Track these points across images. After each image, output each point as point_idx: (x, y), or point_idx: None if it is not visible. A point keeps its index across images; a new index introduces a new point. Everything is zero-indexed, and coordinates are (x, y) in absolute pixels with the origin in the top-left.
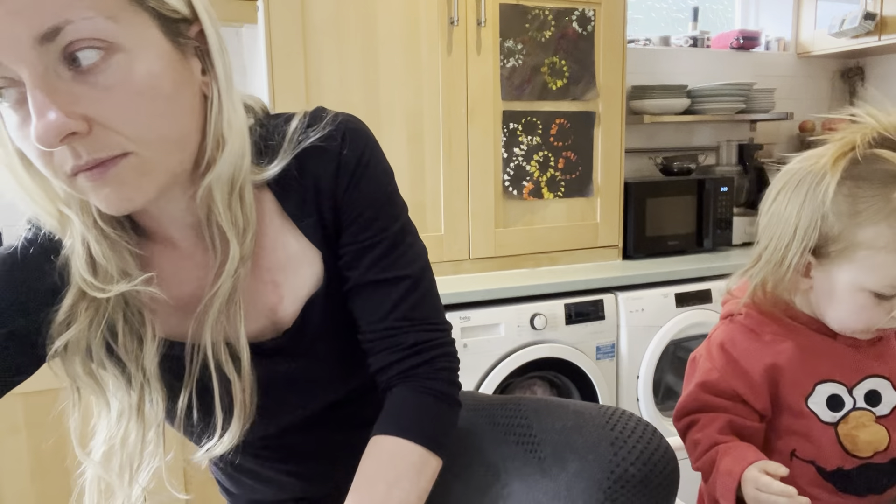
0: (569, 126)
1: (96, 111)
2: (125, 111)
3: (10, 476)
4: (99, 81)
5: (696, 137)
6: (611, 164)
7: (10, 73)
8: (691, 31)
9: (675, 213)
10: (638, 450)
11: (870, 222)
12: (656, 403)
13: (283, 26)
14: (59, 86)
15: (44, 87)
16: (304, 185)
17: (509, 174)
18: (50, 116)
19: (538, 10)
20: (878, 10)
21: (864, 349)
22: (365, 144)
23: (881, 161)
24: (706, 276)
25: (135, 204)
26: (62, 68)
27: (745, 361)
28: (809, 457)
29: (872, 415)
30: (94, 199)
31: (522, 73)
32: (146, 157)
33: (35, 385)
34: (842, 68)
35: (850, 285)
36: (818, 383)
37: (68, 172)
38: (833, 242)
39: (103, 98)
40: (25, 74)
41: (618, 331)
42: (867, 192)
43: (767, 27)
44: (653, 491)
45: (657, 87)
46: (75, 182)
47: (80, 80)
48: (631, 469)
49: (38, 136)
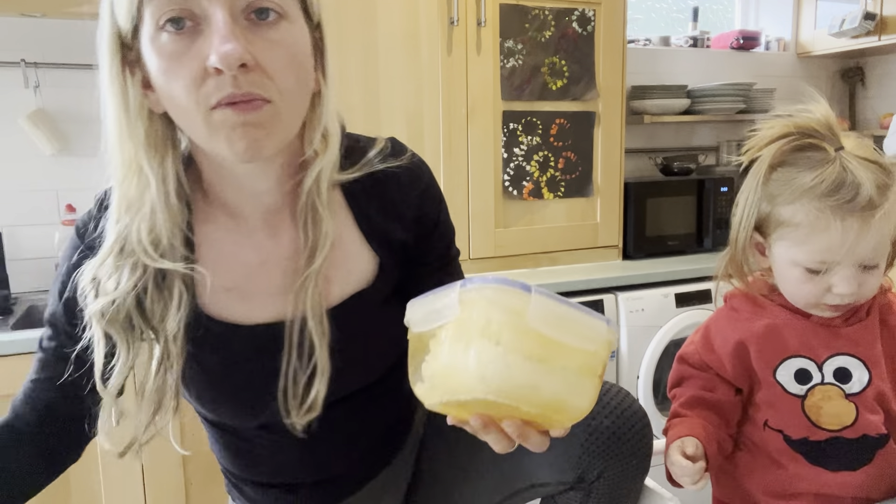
0: (569, 126)
1: (262, 57)
2: (281, 64)
3: None
4: (269, 35)
5: (696, 137)
6: (611, 164)
7: (198, 6)
8: (691, 31)
9: (675, 213)
10: (611, 406)
11: (786, 202)
12: (656, 403)
13: None
14: (239, 25)
15: (230, 18)
16: (383, 202)
17: (509, 174)
18: (234, 43)
19: (538, 11)
20: (878, 10)
21: (838, 329)
22: (438, 186)
23: (808, 148)
24: (706, 276)
25: (260, 152)
26: (242, 18)
27: (719, 338)
28: (778, 426)
29: (841, 391)
30: (229, 135)
31: (522, 73)
32: (280, 110)
33: None
34: (842, 68)
35: (784, 261)
36: (787, 358)
37: (212, 104)
38: (767, 222)
39: (269, 49)
40: (218, 7)
41: (618, 331)
42: (788, 175)
43: (767, 27)
44: (627, 443)
45: (657, 87)
46: (212, 116)
47: (254, 30)
48: (605, 422)
49: (222, 55)
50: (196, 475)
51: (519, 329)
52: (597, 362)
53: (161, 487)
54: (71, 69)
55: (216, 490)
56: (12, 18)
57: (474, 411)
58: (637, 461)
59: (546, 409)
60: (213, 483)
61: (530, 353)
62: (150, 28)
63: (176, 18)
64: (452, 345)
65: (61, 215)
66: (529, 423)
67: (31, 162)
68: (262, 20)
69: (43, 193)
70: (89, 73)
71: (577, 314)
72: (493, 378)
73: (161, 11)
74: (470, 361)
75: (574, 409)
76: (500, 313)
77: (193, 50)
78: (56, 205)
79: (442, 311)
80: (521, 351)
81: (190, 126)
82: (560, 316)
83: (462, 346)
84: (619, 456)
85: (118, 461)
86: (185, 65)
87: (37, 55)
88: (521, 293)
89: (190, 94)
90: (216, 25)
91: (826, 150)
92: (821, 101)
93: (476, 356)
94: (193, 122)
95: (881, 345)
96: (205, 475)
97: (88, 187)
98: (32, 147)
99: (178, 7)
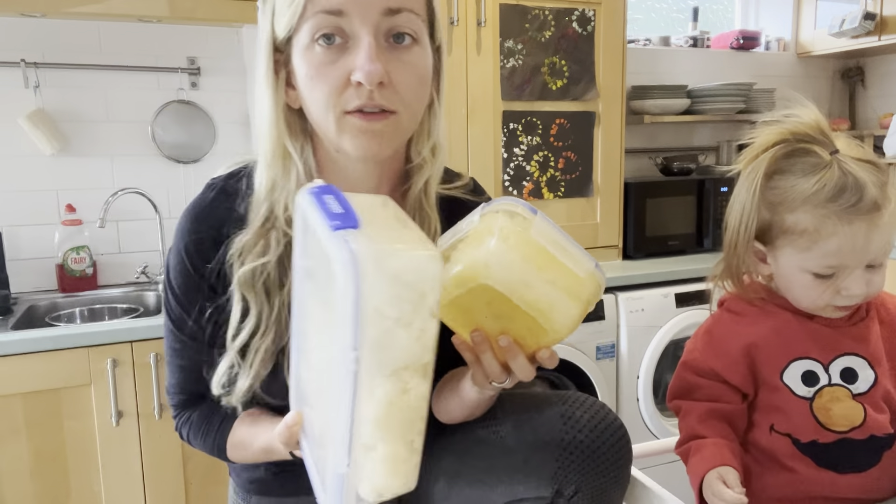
0: (569, 126)
1: (394, 75)
2: (409, 83)
3: (10, 476)
4: (403, 57)
5: (696, 137)
6: (611, 164)
7: (349, 26)
8: (691, 31)
9: (675, 213)
10: (585, 419)
11: (789, 210)
12: (656, 403)
13: None
14: (380, 51)
15: (375, 46)
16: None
17: (509, 174)
18: (378, 64)
19: (538, 11)
20: (878, 10)
21: (842, 329)
22: None
23: (802, 154)
24: (706, 276)
25: (377, 154)
26: (383, 40)
27: (725, 342)
28: (785, 430)
29: (848, 391)
30: (354, 137)
31: (522, 73)
32: (401, 121)
33: (35, 385)
34: (842, 68)
35: (791, 268)
36: (793, 360)
37: (347, 109)
38: (769, 230)
39: (401, 69)
40: (366, 31)
41: (618, 331)
42: (787, 182)
43: (767, 27)
44: (601, 457)
45: (657, 87)
46: (344, 118)
47: (391, 52)
48: (579, 436)
49: (367, 73)
50: (196, 475)
51: (523, 236)
52: (582, 289)
53: (161, 487)
54: (71, 69)
55: (216, 490)
56: (12, 18)
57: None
58: (615, 473)
59: (532, 310)
60: (213, 483)
61: (529, 258)
62: (305, 39)
63: (329, 35)
64: (469, 246)
65: (61, 215)
66: (520, 346)
67: (31, 162)
68: (398, 44)
69: (43, 193)
70: (89, 73)
71: (572, 247)
72: (495, 267)
73: (318, 27)
74: (480, 253)
75: (555, 321)
76: (510, 221)
77: (339, 63)
78: (56, 205)
79: (464, 227)
80: (522, 253)
81: (323, 123)
82: (557, 240)
83: (476, 244)
84: (595, 470)
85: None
86: (331, 74)
87: (37, 55)
88: (530, 212)
89: (330, 99)
90: (363, 46)
91: (820, 154)
92: (809, 105)
93: (486, 249)
94: (326, 120)
95: (882, 342)
96: (205, 475)
97: (88, 187)
98: (32, 147)
99: (333, 26)
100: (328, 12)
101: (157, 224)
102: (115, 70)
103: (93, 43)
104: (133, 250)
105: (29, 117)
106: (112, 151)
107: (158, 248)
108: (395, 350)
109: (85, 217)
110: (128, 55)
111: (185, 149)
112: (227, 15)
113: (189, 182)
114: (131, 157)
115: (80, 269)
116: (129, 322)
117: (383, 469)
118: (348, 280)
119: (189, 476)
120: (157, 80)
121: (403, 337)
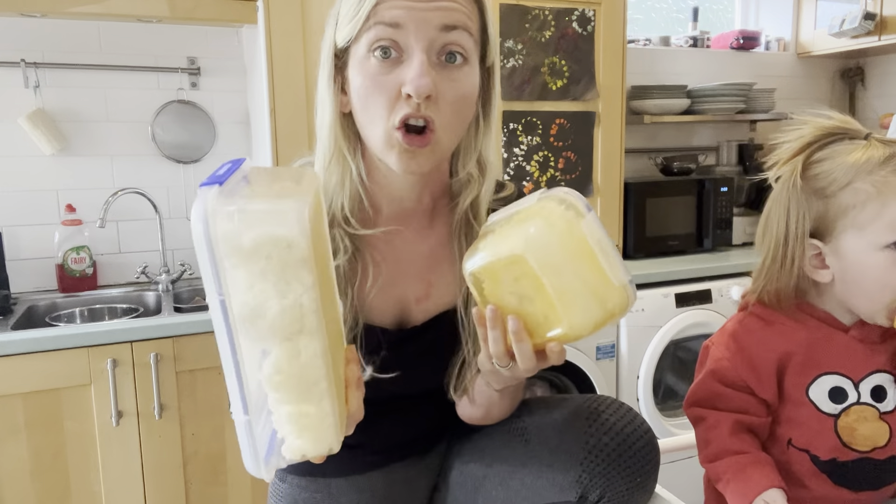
0: (569, 126)
1: (442, 90)
2: (453, 99)
3: (10, 476)
4: (451, 75)
5: (696, 137)
6: (611, 164)
7: (405, 40)
8: (691, 31)
9: (675, 213)
10: (611, 422)
11: (841, 187)
12: (656, 403)
13: (283, 26)
14: (431, 66)
15: (427, 59)
16: None
17: (509, 174)
18: (428, 78)
19: (538, 10)
20: (878, 10)
21: (875, 345)
22: None
23: (834, 144)
24: (706, 276)
25: (417, 169)
26: (435, 57)
27: (755, 351)
28: (804, 446)
29: (877, 411)
30: (396, 152)
31: (522, 73)
32: (440, 140)
33: (35, 385)
34: (842, 68)
35: (865, 250)
36: (821, 374)
37: (396, 124)
38: (823, 220)
39: (448, 85)
40: (421, 46)
41: (618, 331)
42: (830, 166)
43: (767, 27)
44: (628, 462)
45: (657, 87)
46: (392, 132)
47: (441, 67)
48: (604, 439)
49: (417, 85)
50: (196, 475)
51: (569, 227)
52: (610, 295)
53: (161, 487)
54: (71, 69)
55: (216, 490)
56: (12, 18)
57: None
58: (641, 479)
59: (556, 297)
60: (213, 483)
61: (568, 247)
62: (362, 50)
63: (386, 48)
64: (519, 222)
65: (61, 215)
66: (529, 334)
67: (31, 162)
68: (449, 62)
69: (43, 193)
70: (89, 73)
71: (614, 254)
72: (534, 244)
73: (376, 38)
74: (524, 228)
75: (574, 316)
76: (564, 209)
77: (392, 75)
78: (56, 205)
79: (521, 206)
80: (562, 241)
81: (371, 133)
82: (602, 242)
83: (526, 221)
84: (620, 475)
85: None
86: (384, 86)
87: (37, 55)
88: (584, 207)
89: (383, 111)
90: (416, 61)
91: (855, 138)
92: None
93: (532, 225)
94: (376, 131)
95: None
96: (205, 475)
97: (88, 187)
98: (32, 147)
99: (389, 38)
100: (387, 24)
101: (157, 224)
102: (115, 70)
103: (93, 43)
104: (133, 250)
105: (29, 117)
106: (112, 151)
107: (158, 248)
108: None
109: (85, 217)
110: (128, 55)
111: (185, 149)
112: (227, 15)
113: (189, 182)
114: (131, 157)
115: (80, 269)
116: (129, 322)
117: (293, 429)
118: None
119: (189, 476)
120: (157, 80)
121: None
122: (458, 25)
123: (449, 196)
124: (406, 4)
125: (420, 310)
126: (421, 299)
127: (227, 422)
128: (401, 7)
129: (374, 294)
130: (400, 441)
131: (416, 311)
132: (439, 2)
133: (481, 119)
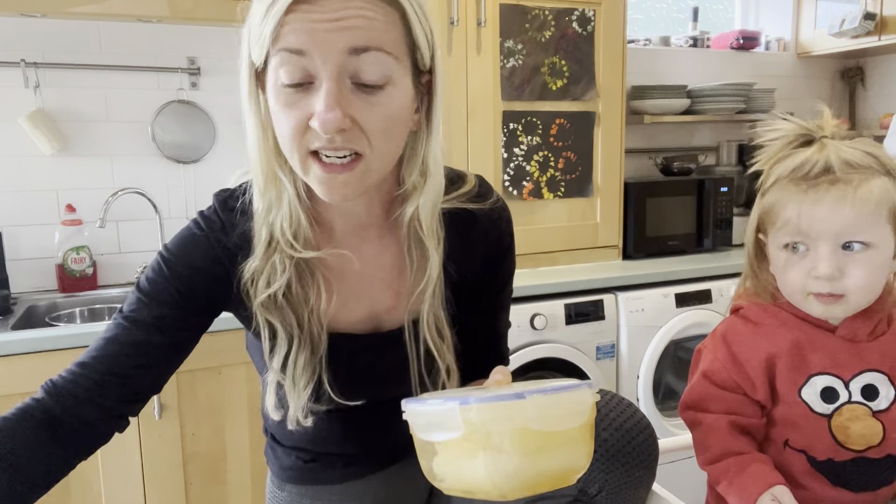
0: (569, 126)
1: (360, 116)
2: (378, 125)
3: None
4: (371, 100)
5: (696, 137)
6: (611, 164)
7: (312, 67)
8: (691, 31)
9: (674, 213)
10: (611, 417)
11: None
12: (656, 403)
13: None
14: (344, 91)
15: (336, 87)
16: (460, 238)
17: (509, 174)
18: (336, 112)
19: (538, 11)
20: (878, 10)
21: (863, 344)
22: (513, 234)
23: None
24: (706, 276)
25: (346, 199)
26: (347, 79)
27: (744, 353)
28: (801, 446)
29: (868, 409)
30: (319, 183)
31: (522, 73)
32: (371, 163)
33: (35, 385)
34: (842, 68)
35: (773, 251)
36: (813, 375)
37: (309, 150)
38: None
39: (369, 111)
40: (329, 72)
41: (618, 331)
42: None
43: (767, 27)
44: (627, 456)
45: (657, 87)
46: (307, 160)
47: (358, 92)
48: (604, 434)
49: (323, 122)
50: (196, 475)
51: (517, 434)
52: (587, 428)
53: (161, 487)
54: (71, 69)
55: (216, 490)
56: (12, 18)
57: None
58: (640, 473)
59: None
60: (213, 483)
61: (530, 450)
62: (272, 75)
63: (294, 76)
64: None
65: (61, 215)
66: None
67: (31, 162)
68: (367, 85)
69: (43, 193)
70: (89, 73)
71: (566, 397)
72: (503, 482)
73: (282, 66)
74: (479, 471)
75: (575, 468)
76: (499, 425)
77: (302, 104)
78: (56, 205)
79: (445, 424)
80: (522, 452)
81: (290, 159)
82: (551, 406)
83: (470, 457)
84: (619, 470)
85: (118, 461)
86: (294, 113)
87: (37, 55)
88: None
89: (294, 138)
90: (323, 92)
91: (814, 140)
92: (823, 107)
93: (484, 466)
94: (292, 158)
95: None
96: (205, 475)
97: (88, 187)
98: (32, 147)
99: (296, 65)
100: (290, 51)
101: (157, 224)
102: (115, 70)
103: (93, 43)
104: (133, 250)
105: (29, 117)
106: (112, 151)
107: (158, 248)
108: None
109: (85, 217)
110: (128, 55)
111: (185, 149)
112: (227, 15)
113: (189, 182)
114: (131, 157)
115: (79, 269)
116: None
117: None
118: None
119: (189, 476)
120: (157, 80)
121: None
122: (369, 46)
123: (399, 204)
124: (308, 27)
125: (391, 319)
126: (390, 309)
127: (227, 422)
128: (302, 30)
129: (339, 311)
130: (396, 444)
131: (388, 320)
132: (344, 20)
133: (424, 127)
